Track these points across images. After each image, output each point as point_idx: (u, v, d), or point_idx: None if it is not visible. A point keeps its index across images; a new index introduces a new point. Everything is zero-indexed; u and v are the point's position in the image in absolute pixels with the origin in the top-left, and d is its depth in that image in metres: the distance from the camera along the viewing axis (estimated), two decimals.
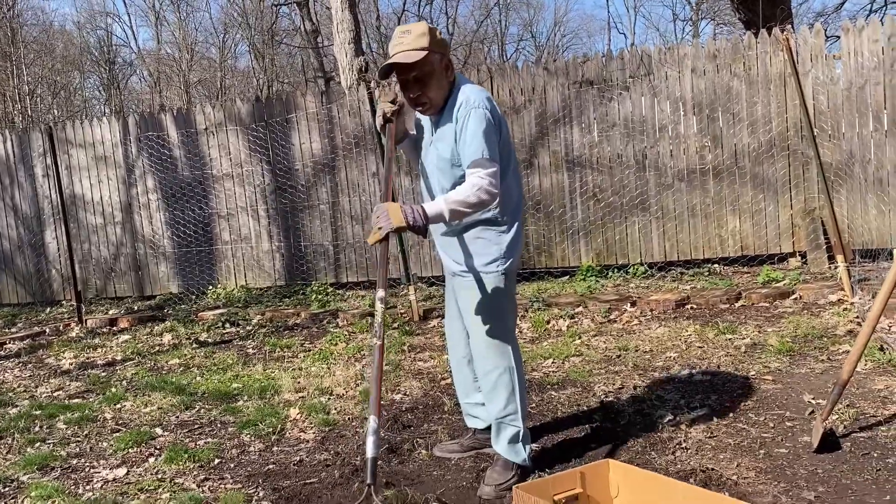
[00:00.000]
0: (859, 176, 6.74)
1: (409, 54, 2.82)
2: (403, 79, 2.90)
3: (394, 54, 2.86)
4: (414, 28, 2.88)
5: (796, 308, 5.69)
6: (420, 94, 2.90)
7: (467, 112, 2.83)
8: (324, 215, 8.31)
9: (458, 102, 2.88)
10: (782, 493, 2.82)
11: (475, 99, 2.85)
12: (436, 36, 2.87)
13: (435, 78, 2.88)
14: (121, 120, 9.01)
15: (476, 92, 2.89)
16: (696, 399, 3.89)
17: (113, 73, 28.43)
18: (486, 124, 2.82)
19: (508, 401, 3.02)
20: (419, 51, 2.82)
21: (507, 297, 3.04)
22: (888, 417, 3.41)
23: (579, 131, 7.54)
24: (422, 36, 2.84)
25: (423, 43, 2.83)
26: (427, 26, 2.88)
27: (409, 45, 2.83)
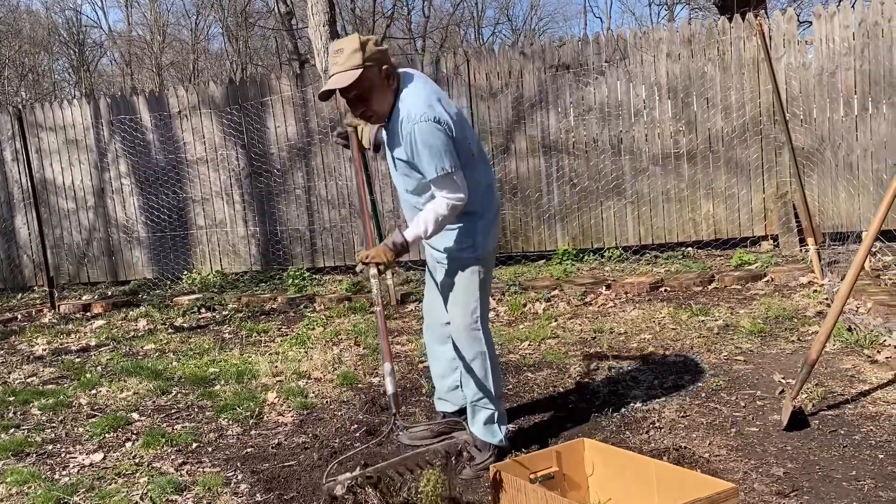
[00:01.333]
0: (830, 160, 6.86)
1: (343, 76, 2.80)
2: (345, 97, 2.87)
3: (330, 75, 2.85)
4: (346, 45, 2.82)
5: (768, 290, 5.79)
6: (364, 110, 2.90)
7: (411, 129, 2.82)
8: (300, 200, 8.27)
9: (400, 117, 2.86)
10: (752, 470, 2.89)
11: (416, 113, 2.82)
12: (369, 49, 2.82)
13: (375, 91, 2.85)
14: (92, 103, 8.86)
15: (416, 102, 2.85)
16: (670, 379, 3.96)
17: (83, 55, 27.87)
18: (433, 136, 2.81)
19: (482, 385, 3.06)
20: (354, 70, 2.78)
21: (480, 283, 3.08)
22: (855, 396, 3.50)
23: (556, 116, 7.57)
24: (354, 53, 2.79)
25: (357, 60, 2.79)
26: (359, 41, 2.82)
27: (343, 66, 2.80)
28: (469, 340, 3.06)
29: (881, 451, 2.93)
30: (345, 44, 2.84)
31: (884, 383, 3.60)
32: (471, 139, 3.03)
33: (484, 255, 3.07)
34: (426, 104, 2.85)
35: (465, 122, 3.02)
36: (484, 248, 3.06)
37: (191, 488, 3.10)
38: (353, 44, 2.82)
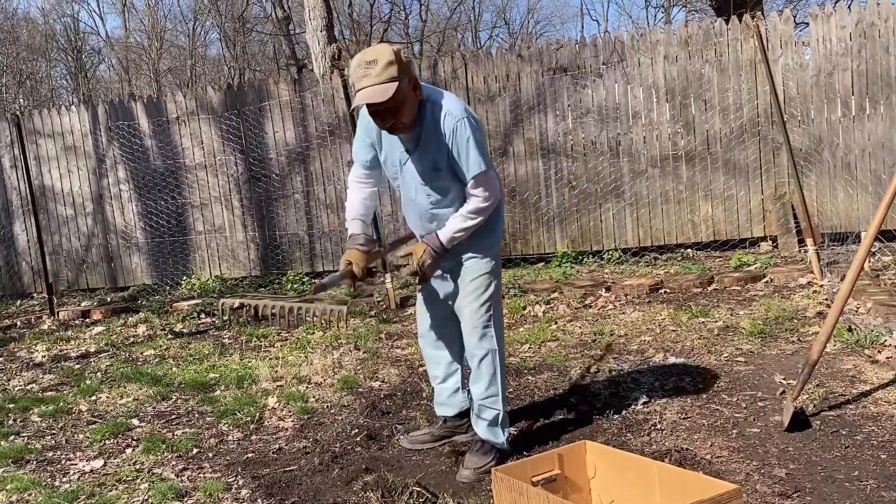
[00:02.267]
0: (828, 161, 6.86)
1: (379, 90, 2.73)
2: (375, 109, 2.82)
3: (361, 88, 2.77)
4: (380, 56, 2.75)
5: (767, 291, 5.79)
6: (394, 122, 2.85)
7: (455, 125, 2.83)
8: (298, 204, 8.27)
9: (441, 115, 2.85)
10: (754, 472, 2.88)
11: (457, 109, 2.86)
12: (402, 61, 2.78)
13: (407, 104, 2.81)
14: (90, 109, 8.86)
15: (455, 103, 2.90)
16: (671, 381, 3.96)
17: (80, 62, 27.88)
18: (478, 132, 2.87)
19: (490, 383, 3.07)
20: (390, 83, 2.73)
21: (495, 284, 3.11)
22: (856, 396, 3.50)
23: (553, 118, 7.58)
24: (389, 66, 2.73)
25: (392, 73, 2.73)
26: (392, 52, 2.77)
27: (377, 78, 2.73)
28: (480, 338, 3.07)
29: (883, 452, 2.93)
30: (377, 55, 2.76)
31: (885, 383, 3.59)
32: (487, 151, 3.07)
33: (498, 256, 3.14)
34: (459, 103, 2.91)
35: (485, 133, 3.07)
36: (498, 251, 3.15)
37: (192, 494, 3.09)
38: (386, 55, 2.75)
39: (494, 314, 3.10)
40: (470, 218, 2.94)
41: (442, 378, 3.39)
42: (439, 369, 3.38)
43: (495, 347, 3.09)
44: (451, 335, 3.31)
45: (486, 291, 3.07)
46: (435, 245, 2.94)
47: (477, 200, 2.92)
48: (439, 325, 3.31)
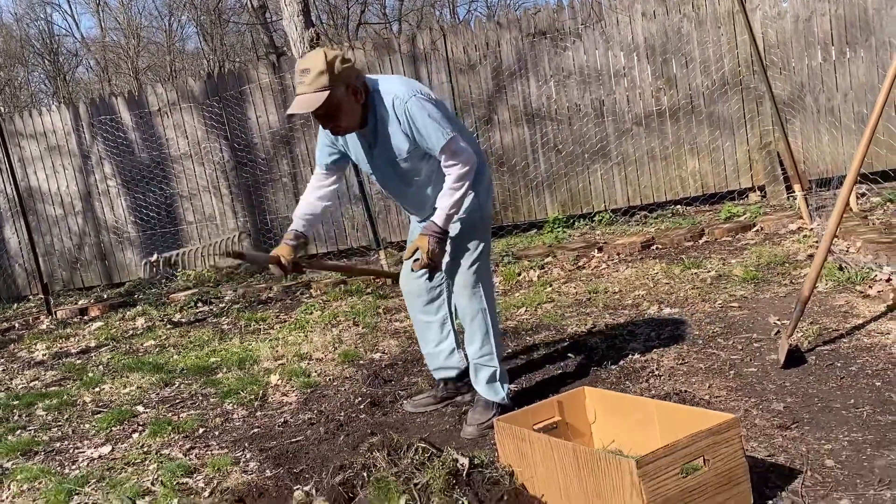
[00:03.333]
0: (811, 106, 6.88)
1: (309, 99, 2.75)
2: (313, 116, 2.85)
3: (296, 96, 2.80)
4: (312, 66, 2.75)
5: (758, 239, 5.83)
6: (333, 126, 2.88)
7: (404, 107, 2.83)
8: (286, 188, 8.26)
9: (388, 105, 2.86)
10: (753, 407, 2.93)
11: (403, 91, 2.85)
12: (336, 69, 2.75)
13: (344, 110, 2.82)
14: (71, 107, 8.80)
15: (400, 84, 2.90)
16: (667, 331, 4.00)
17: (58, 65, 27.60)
18: (427, 107, 2.84)
19: (483, 342, 3.10)
20: (320, 91, 2.73)
21: (483, 243, 3.13)
22: (849, 330, 3.54)
23: (536, 84, 7.56)
24: (321, 75, 2.73)
25: (323, 82, 2.73)
26: (325, 60, 2.74)
27: (309, 87, 2.75)
28: (470, 298, 3.09)
29: (878, 379, 2.98)
30: (310, 63, 2.77)
31: (877, 316, 3.64)
32: (452, 115, 3.05)
33: (486, 216, 3.14)
34: (407, 84, 2.91)
35: (443, 102, 3.05)
36: (486, 210, 3.14)
37: (200, 470, 3.13)
38: (319, 64, 2.74)
39: (483, 273, 3.12)
40: (456, 189, 2.92)
41: (435, 342, 3.42)
42: (430, 333, 3.41)
43: (485, 306, 3.11)
44: (438, 299, 3.35)
45: (473, 251, 3.08)
46: (435, 231, 2.92)
47: (455, 170, 2.90)
48: (426, 291, 3.34)
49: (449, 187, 2.92)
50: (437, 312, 3.37)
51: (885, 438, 2.51)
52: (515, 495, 2.34)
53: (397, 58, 7.76)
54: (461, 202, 2.94)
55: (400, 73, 7.76)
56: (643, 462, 1.98)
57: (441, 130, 2.84)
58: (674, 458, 2.03)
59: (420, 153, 2.94)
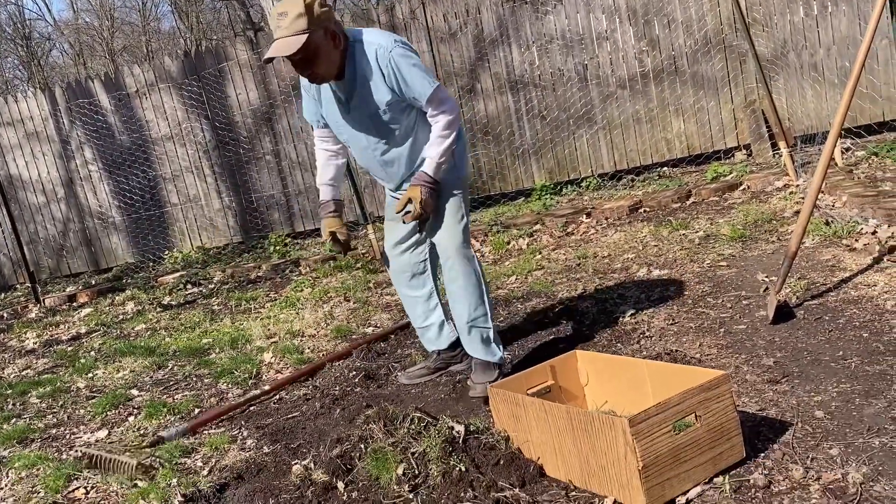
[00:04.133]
0: (794, 63, 6.86)
1: (287, 42, 2.70)
2: (290, 60, 2.79)
3: (274, 40, 2.75)
4: (290, 8, 2.70)
5: (745, 198, 5.85)
6: (310, 73, 2.84)
7: (388, 56, 2.80)
8: (270, 165, 8.19)
9: (371, 52, 2.81)
10: (743, 363, 2.96)
11: (386, 43, 2.82)
12: (314, 12, 2.71)
13: (322, 54, 2.77)
14: (47, 92, 8.66)
15: (380, 35, 2.88)
16: (656, 292, 4.02)
17: (31, 49, 27.10)
18: (413, 57, 2.84)
19: (478, 303, 3.10)
20: (299, 35, 2.69)
21: (465, 204, 3.13)
22: (837, 283, 3.57)
23: (518, 50, 7.50)
24: (299, 17, 2.68)
25: (302, 25, 2.68)
26: (302, 5, 2.70)
27: (287, 31, 2.70)
28: (461, 260, 3.07)
29: (865, 331, 3.01)
30: (288, 6, 2.72)
31: (863, 268, 3.67)
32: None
33: (465, 176, 3.13)
34: (388, 36, 2.88)
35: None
36: (465, 170, 3.13)
37: (198, 450, 3.14)
38: (297, 7, 2.69)
39: (468, 233, 3.13)
40: (445, 137, 2.91)
41: (424, 317, 3.41)
42: (418, 307, 3.40)
43: (476, 268, 3.12)
44: (423, 274, 3.35)
45: (457, 211, 3.08)
46: (427, 181, 2.91)
47: (442, 118, 2.89)
48: (411, 266, 3.33)
49: (437, 136, 2.91)
50: (423, 286, 3.37)
51: (874, 388, 2.54)
52: (511, 459, 2.36)
53: (376, 28, 7.65)
54: (450, 151, 2.94)
55: None
56: (636, 420, 2.00)
57: (426, 79, 2.83)
58: (666, 415, 2.05)
59: (401, 105, 2.91)
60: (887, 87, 6.67)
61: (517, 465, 2.34)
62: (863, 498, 1.96)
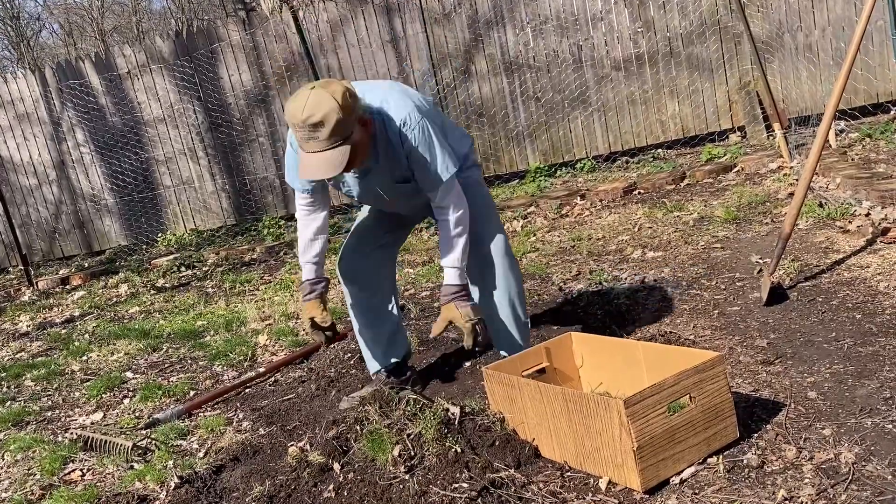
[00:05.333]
0: (789, 44, 6.84)
1: (330, 159, 2.36)
2: None
3: (308, 152, 2.38)
4: (324, 115, 2.31)
5: (739, 180, 5.85)
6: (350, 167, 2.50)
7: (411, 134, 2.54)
8: (264, 147, 8.15)
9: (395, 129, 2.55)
10: (737, 345, 2.97)
11: (410, 116, 2.54)
12: (350, 111, 2.36)
13: (361, 150, 2.48)
14: (37, 72, 8.58)
15: (403, 105, 2.56)
16: (650, 274, 4.03)
17: (19, 30, 26.78)
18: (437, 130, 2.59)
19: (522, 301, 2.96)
20: (340, 146, 2.36)
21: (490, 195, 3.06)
22: (830, 265, 3.59)
23: (513, 31, 7.45)
24: (338, 125, 2.32)
25: (342, 133, 2.35)
26: (337, 109, 2.31)
27: (325, 143, 2.34)
28: (510, 259, 2.88)
29: (858, 312, 3.03)
30: (319, 112, 2.31)
31: (857, 250, 3.69)
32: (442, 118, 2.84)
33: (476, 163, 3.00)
34: (413, 103, 2.58)
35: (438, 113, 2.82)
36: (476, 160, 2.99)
37: (194, 432, 3.14)
38: (333, 114, 2.31)
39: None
40: (458, 237, 2.65)
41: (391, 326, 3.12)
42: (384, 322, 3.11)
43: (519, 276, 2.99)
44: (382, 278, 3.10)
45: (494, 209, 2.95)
46: (455, 293, 2.64)
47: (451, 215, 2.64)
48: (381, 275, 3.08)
49: (450, 237, 2.66)
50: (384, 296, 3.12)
51: (866, 369, 2.56)
52: (507, 440, 2.37)
53: (370, 9, 7.60)
54: (467, 250, 2.69)
55: (373, 25, 7.61)
56: (631, 402, 2.01)
57: (447, 163, 2.58)
58: (660, 396, 2.07)
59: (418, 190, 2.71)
60: (882, 68, 6.65)
61: (512, 447, 2.35)
62: (855, 477, 1.98)
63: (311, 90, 2.37)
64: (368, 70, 7.68)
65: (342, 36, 7.70)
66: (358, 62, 7.69)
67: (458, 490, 2.19)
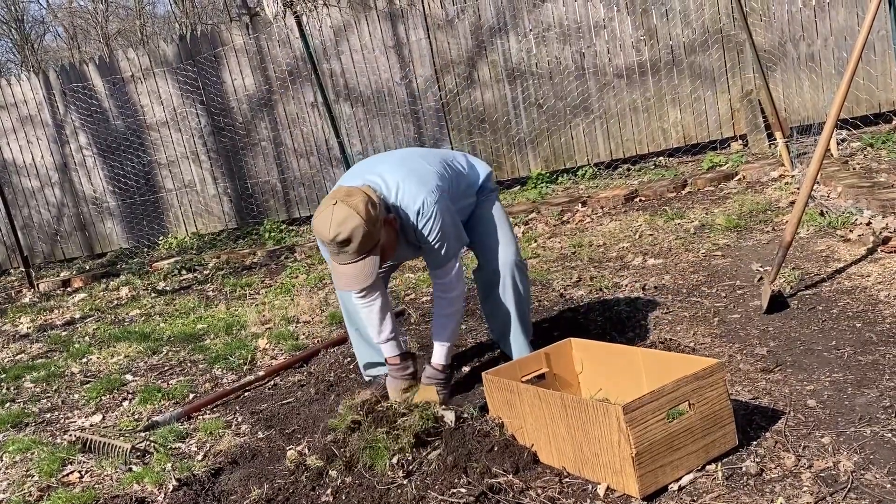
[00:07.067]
0: (792, 53, 6.85)
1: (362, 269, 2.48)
2: None
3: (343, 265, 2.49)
4: (352, 234, 2.41)
5: (740, 188, 5.86)
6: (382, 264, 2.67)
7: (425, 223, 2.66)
8: (266, 152, 8.16)
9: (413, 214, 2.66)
10: (737, 352, 2.97)
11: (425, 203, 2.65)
12: (374, 222, 2.46)
13: (389, 245, 2.60)
14: (41, 75, 8.61)
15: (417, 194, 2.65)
16: (651, 281, 4.03)
17: (24, 33, 26.87)
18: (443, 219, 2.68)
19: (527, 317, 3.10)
20: (369, 256, 2.48)
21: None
22: (831, 274, 3.59)
23: (516, 38, 7.46)
24: (365, 239, 2.44)
25: (369, 245, 2.47)
26: (362, 226, 2.42)
27: (355, 255, 2.46)
28: (523, 273, 3.00)
29: (858, 321, 3.03)
30: (344, 230, 2.42)
31: (857, 259, 3.68)
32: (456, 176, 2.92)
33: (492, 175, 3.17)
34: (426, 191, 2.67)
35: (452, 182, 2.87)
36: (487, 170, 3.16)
37: (193, 434, 3.14)
38: (359, 231, 2.42)
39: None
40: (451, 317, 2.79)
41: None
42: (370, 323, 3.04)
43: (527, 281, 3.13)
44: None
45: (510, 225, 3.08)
46: (440, 379, 2.78)
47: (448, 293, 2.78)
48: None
49: (444, 315, 2.78)
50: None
51: (866, 377, 2.55)
52: (505, 446, 2.37)
53: (373, 15, 7.63)
54: (457, 330, 2.84)
55: (376, 31, 7.63)
56: (630, 408, 2.01)
57: (449, 248, 2.72)
58: (660, 403, 2.06)
59: None
60: (884, 77, 6.67)
61: (511, 452, 2.35)
62: (853, 486, 1.98)
63: (333, 206, 2.46)
64: (371, 76, 7.70)
65: (345, 41, 7.72)
66: (361, 67, 7.71)
67: (457, 495, 2.19)
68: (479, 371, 2.99)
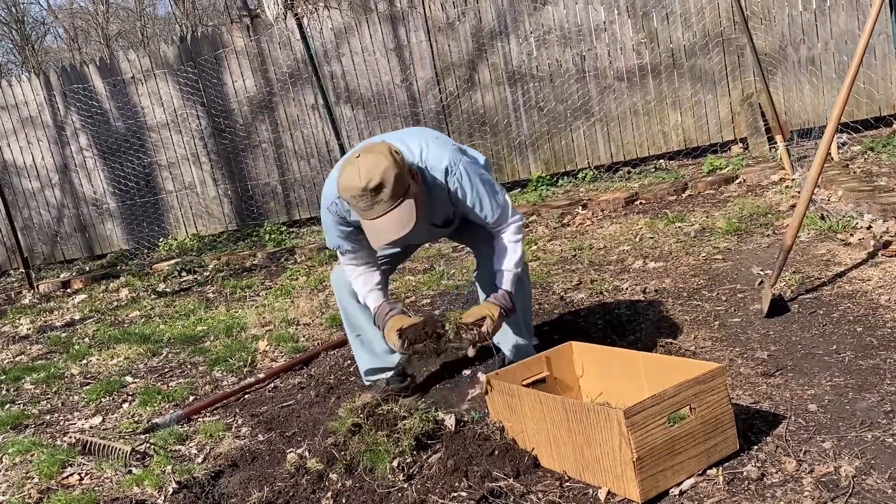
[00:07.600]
0: (793, 57, 6.86)
1: (399, 216, 2.39)
2: None
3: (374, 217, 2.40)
4: (384, 176, 2.35)
5: (741, 191, 5.86)
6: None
7: (456, 181, 2.61)
8: (266, 154, 8.17)
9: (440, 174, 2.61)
10: (738, 356, 2.97)
11: (452, 161, 2.61)
12: (402, 164, 2.41)
13: (418, 198, 2.50)
14: (42, 76, 8.61)
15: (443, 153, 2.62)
16: (651, 285, 4.03)
17: (24, 34, 26.88)
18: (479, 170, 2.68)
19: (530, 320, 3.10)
20: (404, 200, 2.39)
21: None
22: (831, 278, 3.58)
23: (516, 41, 7.47)
24: (398, 181, 2.37)
25: (403, 188, 2.40)
26: (389, 160, 2.36)
27: (391, 202, 2.39)
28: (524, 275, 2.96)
29: (859, 325, 3.02)
30: (375, 174, 2.35)
31: (858, 263, 3.68)
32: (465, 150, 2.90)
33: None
34: (451, 151, 2.64)
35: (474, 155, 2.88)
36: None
37: (193, 437, 3.14)
38: (389, 170, 2.35)
39: None
40: (516, 243, 2.76)
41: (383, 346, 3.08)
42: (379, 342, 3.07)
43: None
44: None
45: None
46: (506, 305, 2.69)
47: (513, 226, 2.77)
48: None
49: (509, 243, 2.76)
50: None
51: (867, 382, 2.55)
52: (506, 450, 2.37)
53: (374, 18, 7.63)
54: (523, 255, 2.83)
55: (377, 33, 7.64)
56: (631, 412, 2.01)
57: (496, 198, 2.70)
58: (661, 407, 2.06)
59: (463, 215, 2.81)
60: (884, 82, 6.67)
61: (511, 456, 2.35)
62: (854, 491, 1.98)
63: (357, 158, 2.41)
64: (372, 78, 7.70)
65: (346, 44, 7.73)
66: (361, 70, 7.71)
67: (457, 499, 2.19)
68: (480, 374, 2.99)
